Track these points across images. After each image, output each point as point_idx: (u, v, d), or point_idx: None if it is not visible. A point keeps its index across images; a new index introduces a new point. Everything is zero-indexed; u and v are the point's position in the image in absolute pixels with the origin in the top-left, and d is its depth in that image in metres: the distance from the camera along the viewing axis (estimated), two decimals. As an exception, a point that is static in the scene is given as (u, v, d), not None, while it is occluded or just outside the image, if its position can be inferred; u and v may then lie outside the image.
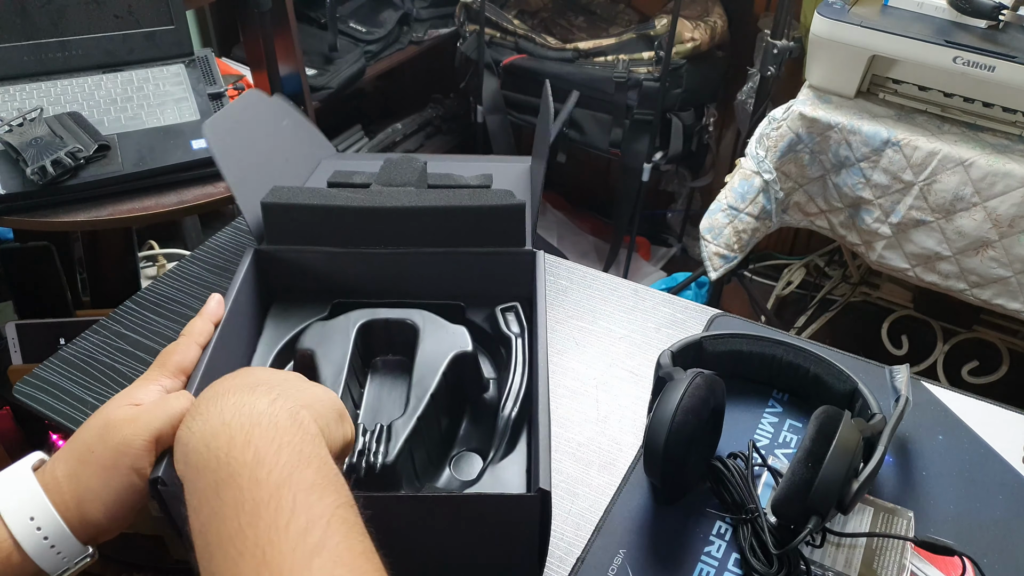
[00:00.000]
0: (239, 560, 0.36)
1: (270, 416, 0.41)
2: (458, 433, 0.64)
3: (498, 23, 1.89)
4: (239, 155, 0.73)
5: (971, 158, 1.11)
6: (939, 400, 0.73)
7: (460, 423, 0.65)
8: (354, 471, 0.55)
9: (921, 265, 1.23)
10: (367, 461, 0.55)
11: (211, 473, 0.39)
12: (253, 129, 0.77)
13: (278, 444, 0.40)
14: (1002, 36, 1.11)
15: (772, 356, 0.71)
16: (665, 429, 0.56)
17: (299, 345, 0.65)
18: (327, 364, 0.62)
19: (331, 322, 0.67)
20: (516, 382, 0.63)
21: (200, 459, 0.40)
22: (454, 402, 0.64)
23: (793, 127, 1.24)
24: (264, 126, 0.80)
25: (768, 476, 0.65)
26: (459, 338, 0.64)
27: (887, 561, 0.58)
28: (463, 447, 0.63)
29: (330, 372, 0.62)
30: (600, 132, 1.84)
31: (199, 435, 0.41)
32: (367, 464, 0.54)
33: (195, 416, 0.43)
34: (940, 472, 0.66)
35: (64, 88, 0.99)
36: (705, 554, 0.59)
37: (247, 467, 0.39)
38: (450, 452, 0.62)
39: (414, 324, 0.66)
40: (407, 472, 0.57)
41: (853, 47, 1.17)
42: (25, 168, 0.87)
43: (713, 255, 1.38)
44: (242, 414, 0.41)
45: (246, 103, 0.79)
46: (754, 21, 1.83)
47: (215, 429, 0.41)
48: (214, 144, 0.69)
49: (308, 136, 0.90)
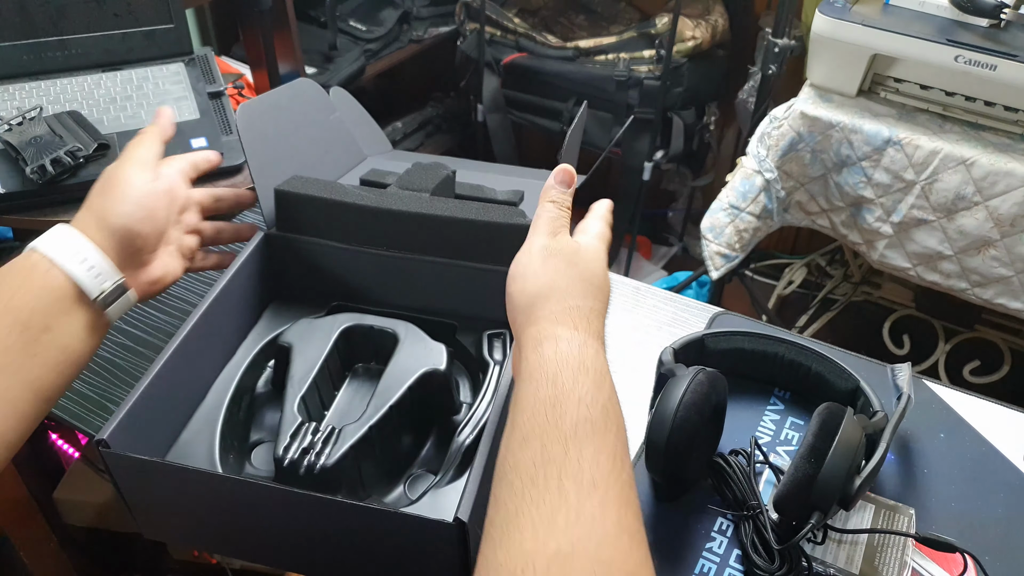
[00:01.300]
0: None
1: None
2: (420, 452, 0.63)
3: (498, 22, 1.89)
4: (268, 141, 0.71)
5: (973, 157, 1.11)
6: (941, 398, 0.73)
7: (424, 442, 0.64)
8: (295, 467, 0.55)
9: (923, 264, 1.23)
10: (308, 460, 0.55)
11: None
12: (293, 117, 0.76)
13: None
14: (1004, 35, 1.11)
15: (774, 354, 0.71)
16: (667, 425, 0.56)
17: (281, 338, 0.65)
18: (301, 361, 0.62)
19: (317, 321, 0.67)
20: (481, 409, 0.62)
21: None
22: (419, 420, 0.63)
23: (794, 126, 1.24)
24: (308, 116, 0.78)
25: (770, 473, 0.64)
26: (434, 355, 0.63)
27: (888, 558, 0.58)
28: (423, 467, 0.62)
29: (301, 369, 0.62)
30: (601, 131, 1.83)
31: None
32: (307, 463, 0.55)
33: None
34: (942, 470, 0.66)
35: (63, 87, 0.99)
36: (707, 550, 0.59)
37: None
38: (408, 470, 0.62)
39: (395, 334, 0.65)
40: (350, 479, 0.57)
41: (854, 46, 1.17)
42: (24, 167, 0.86)
43: (714, 254, 1.38)
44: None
45: (294, 92, 0.77)
46: (755, 20, 1.83)
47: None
48: (243, 125, 0.68)
49: (362, 131, 0.88)
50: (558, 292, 0.49)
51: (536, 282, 0.50)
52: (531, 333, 0.48)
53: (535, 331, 0.48)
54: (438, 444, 0.64)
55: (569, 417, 0.42)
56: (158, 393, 0.57)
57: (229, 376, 0.66)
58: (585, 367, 0.45)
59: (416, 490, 0.60)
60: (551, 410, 0.43)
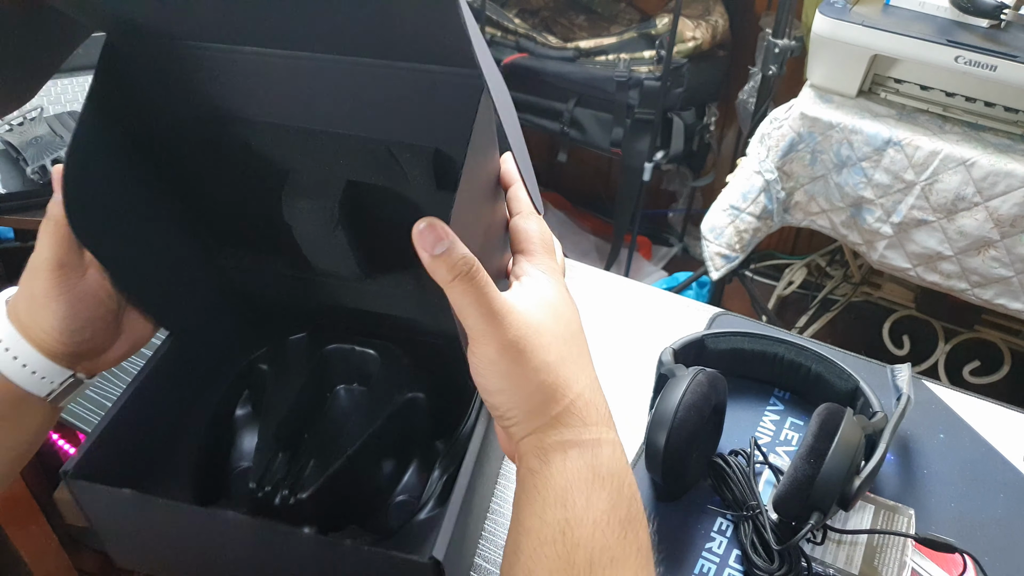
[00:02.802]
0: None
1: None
2: (402, 479, 0.60)
3: (499, 22, 1.89)
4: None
5: (973, 158, 1.11)
6: (940, 399, 0.73)
7: (406, 468, 0.61)
8: (269, 500, 0.53)
9: (923, 265, 1.23)
10: (283, 493, 0.53)
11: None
12: None
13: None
14: (1004, 35, 1.11)
15: (774, 354, 0.71)
16: (667, 426, 0.56)
17: (258, 362, 0.63)
18: (279, 386, 0.60)
19: (295, 341, 0.64)
20: (464, 434, 0.59)
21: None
22: (401, 446, 0.61)
23: (795, 126, 1.24)
24: None
25: (769, 474, 0.64)
26: (417, 381, 0.60)
27: (888, 558, 0.58)
28: (404, 494, 0.60)
29: (278, 396, 0.59)
30: (601, 131, 1.84)
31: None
32: (281, 496, 0.53)
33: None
34: (941, 470, 0.66)
35: (64, 87, 1.00)
36: (706, 550, 0.59)
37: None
38: (389, 498, 0.59)
39: (377, 357, 0.62)
40: (328, 510, 0.55)
41: (855, 46, 1.17)
42: (25, 167, 0.87)
43: (714, 255, 1.38)
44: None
45: None
46: (755, 20, 1.83)
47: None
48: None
49: None
50: (552, 385, 0.39)
51: (521, 384, 0.39)
52: (531, 443, 0.40)
53: (536, 441, 0.39)
54: (420, 470, 0.61)
55: (583, 550, 0.37)
56: (130, 419, 0.54)
57: (207, 400, 0.62)
58: (600, 477, 0.39)
59: (397, 518, 0.57)
60: (561, 538, 0.37)
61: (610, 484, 0.39)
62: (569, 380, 0.40)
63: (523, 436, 0.40)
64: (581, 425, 0.39)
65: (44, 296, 0.48)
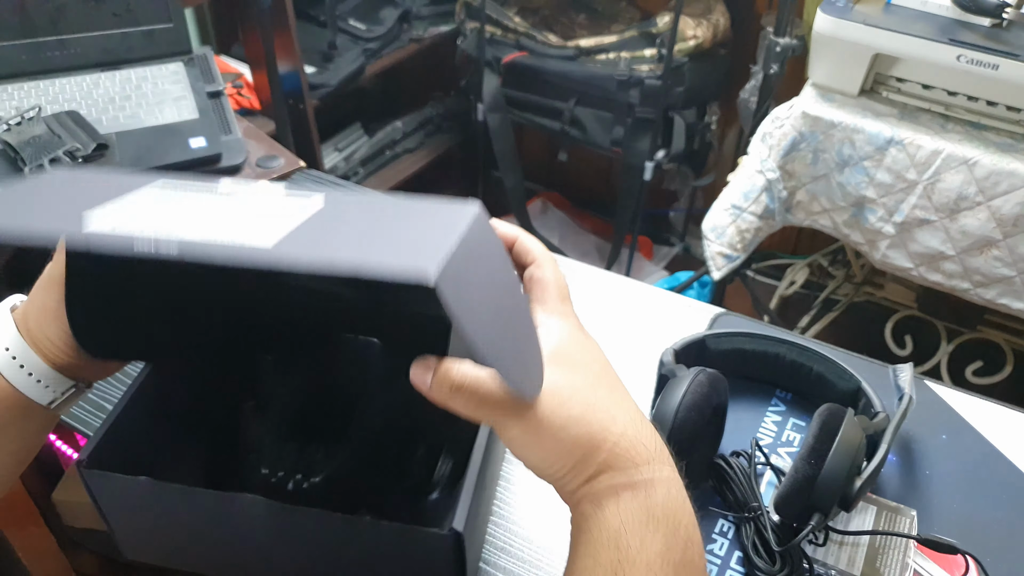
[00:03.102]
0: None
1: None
2: (411, 465, 0.61)
3: (499, 21, 1.88)
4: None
5: (975, 157, 1.11)
6: (943, 400, 0.73)
7: (415, 453, 0.62)
8: (281, 486, 0.54)
9: (925, 264, 1.23)
10: (295, 479, 0.54)
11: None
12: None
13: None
14: (1006, 34, 1.11)
15: (775, 355, 0.70)
16: (667, 426, 0.56)
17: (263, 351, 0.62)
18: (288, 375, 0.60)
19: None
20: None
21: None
22: (410, 432, 0.61)
23: (796, 126, 1.23)
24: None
25: (771, 475, 0.64)
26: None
27: (890, 559, 0.58)
28: (415, 480, 0.61)
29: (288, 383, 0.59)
30: (602, 130, 1.83)
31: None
32: (294, 482, 0.54)
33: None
34: (943, 471, 0.66)
35: (62, 87, 0.99)
36: (708, 552, 0.59)
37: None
38: (400, 483, 0.60)
39: (380, 346, 0.62)
40: (338, 496, 0.55)
41: (856, 45, 1.17)
42: (23, 167, 0.86)
43: (716, 254, 1.37)
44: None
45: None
46: (756, 19, 1.82)
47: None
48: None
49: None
50: (587, 436, 0.39)
51: (553, 447, 0.39)
52: (583, 493, 0.39)
53: (588, 489, 0.39)
54: (428, 455, 0.62)
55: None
56: (142, 409, 0.55)
57: (216, 389, 0.62)
58: (655, 519, 0.38)
59: (407, 502, 0.59)
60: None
61: (665, 525, 0.38)
62: (605, 424, 0.39)
63: (574, 489, 0.40)
64: (632, 467, 0.39)
65: (57, 309, 0.48)
